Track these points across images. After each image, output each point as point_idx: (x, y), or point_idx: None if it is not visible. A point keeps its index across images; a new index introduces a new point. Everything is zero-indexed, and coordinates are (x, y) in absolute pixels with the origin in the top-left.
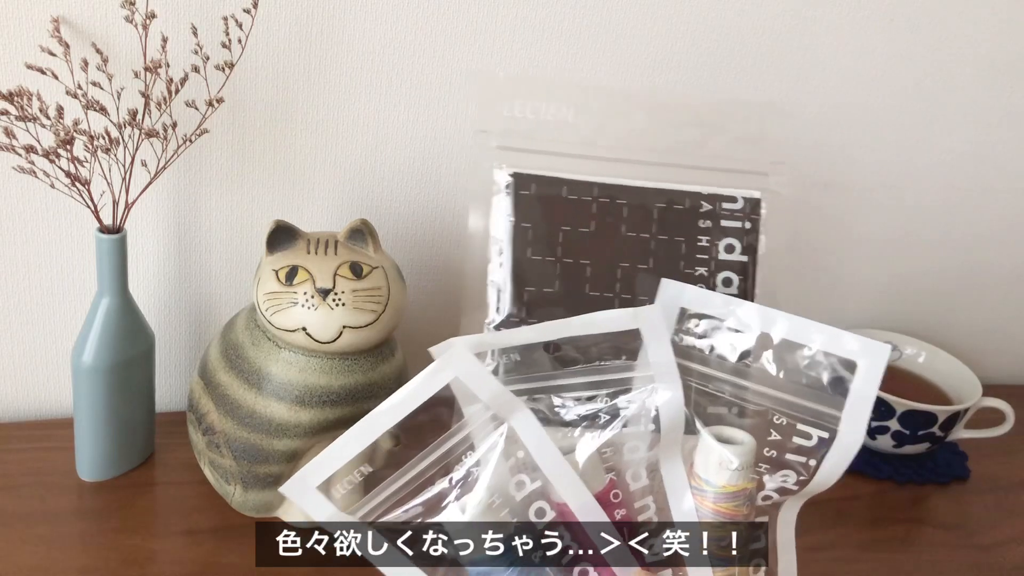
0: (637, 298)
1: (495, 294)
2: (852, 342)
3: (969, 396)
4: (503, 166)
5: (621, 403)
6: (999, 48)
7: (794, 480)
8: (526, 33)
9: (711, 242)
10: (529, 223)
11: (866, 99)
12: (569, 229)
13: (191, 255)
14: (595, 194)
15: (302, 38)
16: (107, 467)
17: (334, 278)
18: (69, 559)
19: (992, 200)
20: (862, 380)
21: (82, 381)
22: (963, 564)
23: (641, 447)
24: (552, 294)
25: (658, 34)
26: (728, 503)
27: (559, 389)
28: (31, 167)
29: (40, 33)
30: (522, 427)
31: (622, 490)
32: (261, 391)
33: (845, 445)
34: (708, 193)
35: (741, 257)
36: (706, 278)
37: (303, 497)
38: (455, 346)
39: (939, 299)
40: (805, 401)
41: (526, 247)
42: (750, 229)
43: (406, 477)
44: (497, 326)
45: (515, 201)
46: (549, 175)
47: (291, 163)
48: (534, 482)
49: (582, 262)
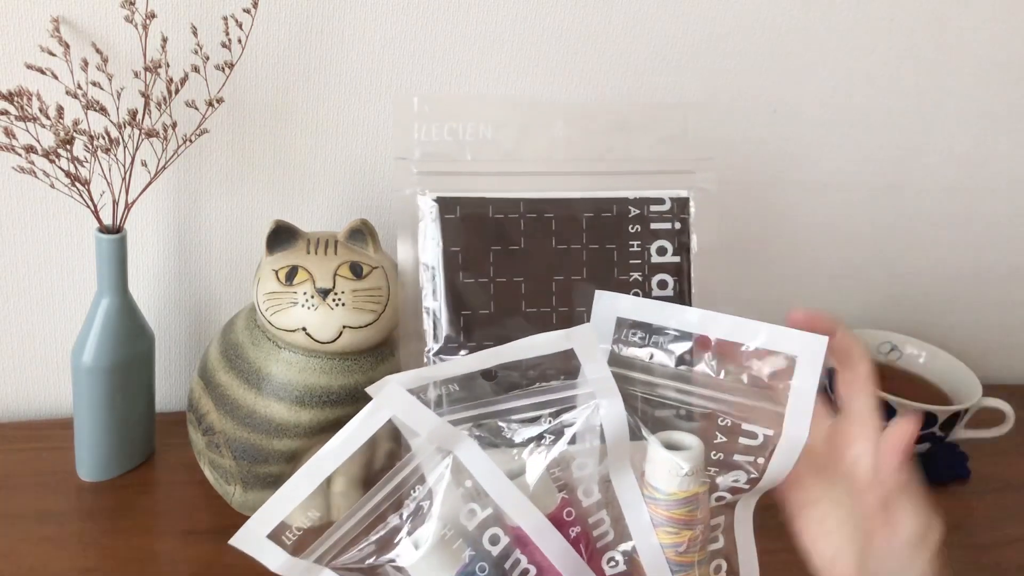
0: (575, 310)
1: (431, 322)
2: (790, 337)
3: (969, 396)
4: (426, 192)
5: (565, 421)
6: (999, 48)
7: (745, 479)
8: (527, 33)
9: (642, 246)
10: (458, 247)
11: (866, 99)
12: (499, 248)
13: (191, 255)
14: (522, 210)
15: (302, 38)
16: (107, 467)
17: (334, 278)
18: (69, 559)
19: (992, 200)
20: (801, 374)
21: (82, 381)
22: (963, 564)
23: (589, 463)
24: (489, 315)
25: (658, 35)
26: (681, 508)
27: (502, 414)
28: (31, 167)
29: (40, 33)
30: (467, 457)
31: (575, 507)
32: (261, 391)
33: (791, 439)
34: (635, 197)
35: (674, 258)
36: (641, 283)
37: (255, 547)
38: (389, 384)
39: (939, 299)
40: (748, 400)
41: (457, 271)
42: (680, 229)
43: (358, 515)
44: (436, 353)
45: (442, 226)
46: (473, 196)
47: (291, 163)
48: (485, 509)
49: (516, 279)
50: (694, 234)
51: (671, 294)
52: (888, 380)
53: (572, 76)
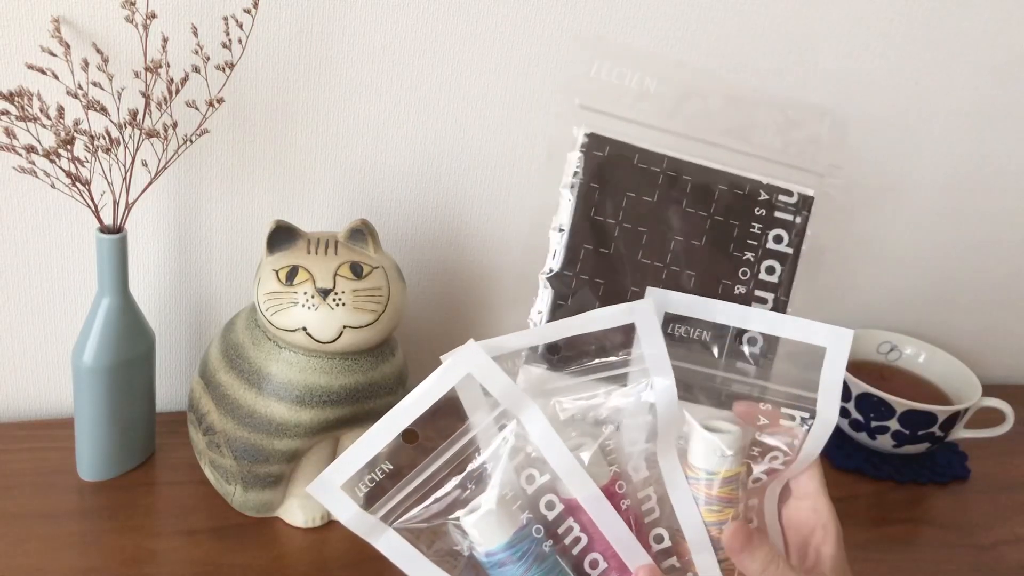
0: (684, 272)
1: (555, 245)
2: (819, 330)
3: (969, 396)
4: (581, 124)
5: (618, 397)
6: (999, 48)
7: (781, 460)
8: (527, 32)
9: (763, 230)
10: (597, 184)
11: (866, 99)
12: (634, 196)
13: (191, 255)
14: (664, 167)
15: (302, 38)
16: (107, 467)
17: (334, 278)
18: (69, 559)
19: (992, 200)
20: (831, 362)
21: (82, 381)
22: (963, 564)
23: (640, 439)
24: (607, 255)
25: (658, 36)
26: (724, 488)
27: (558, 391)
28: (31, 167)
29: (40, 33)
30: (531, 423)
31: (625, 481)
32: (261, 391)
33: (824, 422)
34: (767, 183)
35: (787, 248)
36: (752, 263)
37: (328, 496)
38: (468, 345)
39: (939, 299)
40: (784, 387)
41: (591, 206)
42: (799, 223)
43: (421, 477)
44: (550, 276)
45: (587, 160)
46: (623, 140)
47: (291, 163)
48: (543, 475)
49: (640, 229)
50: (809, 231)
51: (775, 280)
52: (888, 380)
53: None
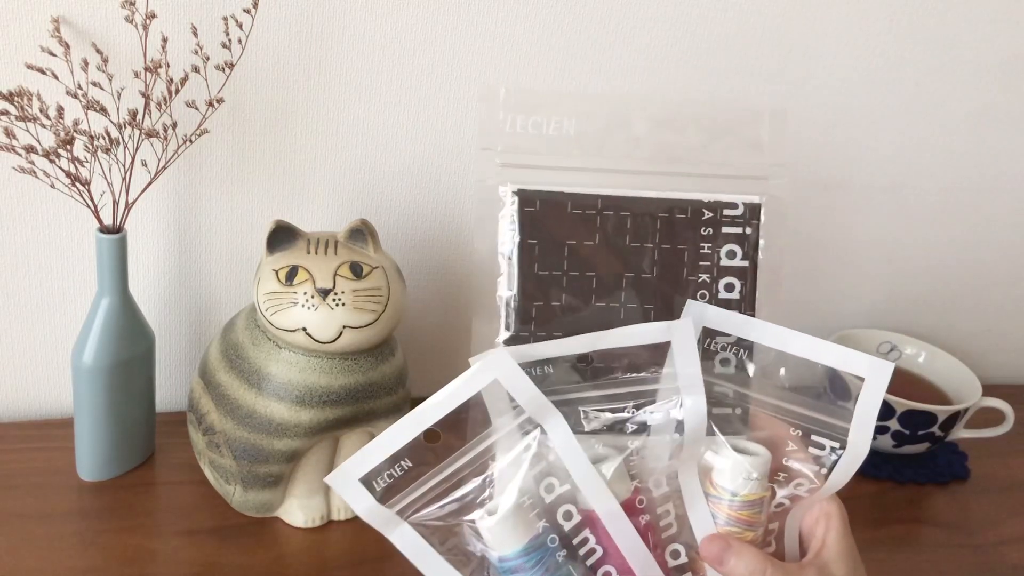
0: (643, 307)
1: (504, 310)
2: (860, 360)
3: (969, 396)
4: (507, 183)
5: (647, 413)
6: (999, 48)
7: (806, 488)
8: (526, 32)
9: (713, 249)
10: (535, 239)
11: (866, 99)
12: (575, 243)
13: (191, 255)
14: (599, 207)
15: (302, 38)
16: (107, 467)
17: (334, 278)
18: (69, 559)
19: (992, 200)
20: (868, 394)
21: (82, 381)
22: (963, 564)
23: (664, 456)
24: (560, 307)
25: (658, 36)
26: (747, 511)
27: (586, 401)
28: (31, 167)
29: (40, 33)
30: (555, 432)
31: (646, 496)
32: (261, 391)
33: (854, 455)
34: (709, 200)
35: (742, 262)
36: (708, 284)
37: (346, 488)
38: (497, 350)
39: (939, 299)
40: (817, 414)
41: (533, 263)
42: (751, 234)
43: (441, 475)
44: (506, 341)
45: (521, 218)
46: (553, 191)
47: (291, 163)
48: (563, 485)
49: (588, 274)
50: (763, 239)
51: (737, 297)
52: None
53: (575, 74)
